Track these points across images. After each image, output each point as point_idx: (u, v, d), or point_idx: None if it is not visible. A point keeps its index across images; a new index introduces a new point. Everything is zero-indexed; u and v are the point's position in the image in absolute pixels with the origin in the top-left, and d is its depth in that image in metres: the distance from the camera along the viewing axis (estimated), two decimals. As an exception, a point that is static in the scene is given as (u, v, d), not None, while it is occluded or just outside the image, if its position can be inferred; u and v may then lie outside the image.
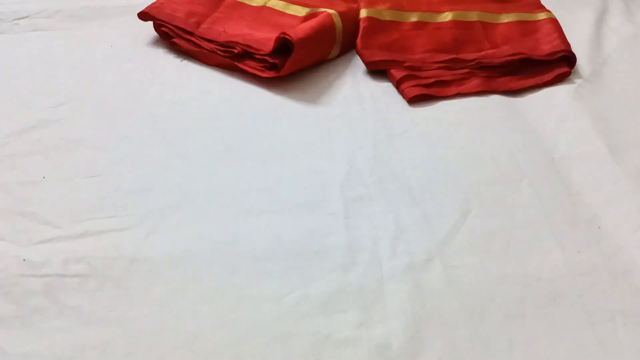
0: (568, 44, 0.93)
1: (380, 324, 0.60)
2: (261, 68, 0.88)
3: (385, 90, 0.87)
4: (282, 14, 0.97)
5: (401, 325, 0.60)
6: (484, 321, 0.60)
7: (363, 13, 0.95)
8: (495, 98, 0.87)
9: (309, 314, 0.61)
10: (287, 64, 0.85)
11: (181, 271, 0.64)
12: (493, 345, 0.59)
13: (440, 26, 0.96)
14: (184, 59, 0.95)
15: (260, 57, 0.88)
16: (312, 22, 0.89)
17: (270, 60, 0.87)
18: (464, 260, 0.65)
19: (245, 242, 0.67)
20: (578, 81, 0.91)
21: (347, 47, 0.94)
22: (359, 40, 0.92)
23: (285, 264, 0.65)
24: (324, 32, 0.89)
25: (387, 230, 0.68)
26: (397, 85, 0.87)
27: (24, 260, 0.64)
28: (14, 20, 1.01)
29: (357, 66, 0.92)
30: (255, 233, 0.68)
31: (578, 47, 0.95)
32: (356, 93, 0.87)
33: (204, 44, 0.92)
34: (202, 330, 0.60)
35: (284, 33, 0.85)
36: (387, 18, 0.95)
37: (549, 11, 1.02)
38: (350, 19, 0.94)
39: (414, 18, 0.96)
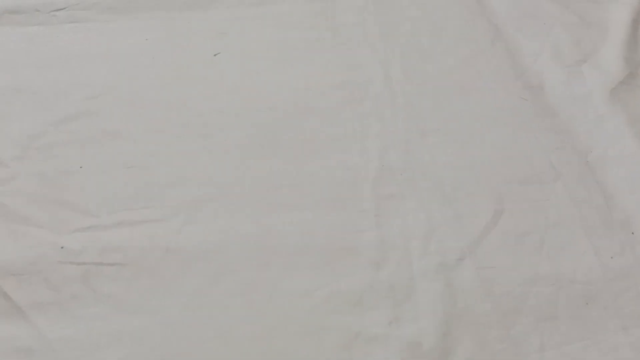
0: None
1: (411, 322, 0.61)
2: None
3: (418, 87, 0.87)
4: None
5: (432, 324, 0.60)
6: (516, 322, 0.60)
7: None
8: (529, 97, 0.86)
9: (340, 310, 0.62)
10: None
11: (214, 263, 0.65)
12: (525, 346, 0.59)
13: None
14: (217, 54, 0.95)
15: None
16: None
17: None
18: (497, 260, 0.65)
19: (276, 236, 0.68)
20: (614, 82, 0.90)
21: None
22: None
23: (317, 259, 0.66)
24: None
25: (419, 228, 0.69)
26: None
27: (62, 247, 0.66)
28: (51, 11, 1.02)
29: (390, 63, 0.92)
30: (286, 228, 0.69)
31: (614, 48, 0.94)
32: (388, 90, 0.86)
33: None
34: (235, 322, 0.61)
35: None
36: None
37: None
38: None
39: None
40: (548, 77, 0.89)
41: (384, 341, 0.59)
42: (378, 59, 0.93)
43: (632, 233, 0.68)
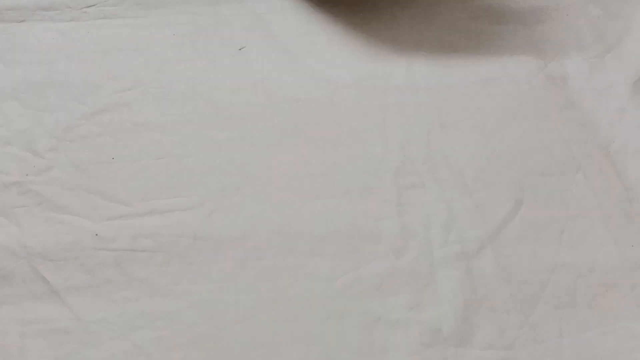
0: None
1: (431, 307, 0.62)
2: None
3: (440, 79, 0.88)
4: None
5: (452, 309, 0.62)
6: (534, 309, 0.61)
7: None
8: (551, 88, 0.87)
9: (362, 295, 0.64)
10: None
11: (241, 250, 0.67)
12: (543, 332, 0.60)
13: None
14: (242, 48, 0.97)
15: None
16: None
17: None
18: (516, 249, 0.66)
19: (300, 224, 0.70)
20: (637, 74, 0.89)
21: None
22: None
23: (339, 246, 0.68)
24: None
25: (440, 218, 0.70)
26: None
27: (96, 235, 0.69)
28: (82, 8, 1.05)
29: (412, 55, 0.93)
30: (310, 216, 0.71)
31: (638, 40, 0.94)
32: (411, 82, 0.88)
33: None
34: (260, 305, 0.63)
35: None
36: None
37: None
38: None
39: None
40: (570, 69, 0.89)
41: (405, 326, 0.61)
42: (400, 52, 0.94)
43: (653, 223, 0.69)
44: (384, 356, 0.60)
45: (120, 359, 0.60)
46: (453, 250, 0.67)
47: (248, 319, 0.62)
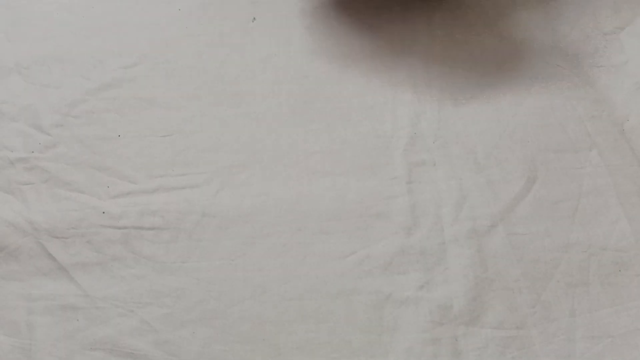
0: None
1: (441, 286, 0.62)
2: None
3: (452, 54, 0.86)
4: None
5: (463, 288, 0.61)
6: (546, 287, 0.61)
7: None
8: (565, 64, 0.85)
9: (372, 273, 0.63)
10: None
11: (249, 227, 0.67)
12: (555, 311, 0.59)
13: None
14: (255, 19, 0.96)
15: None
16: None
17: None
18: (529, 227, 0.65)
19: (309, 202, 0.69)
20: (654, 49, 0.87)
21: None
22: None
23: (349, 224, 0.67)
24: None
25: (450, 195, 0.69)
26: None
27: (103, 212, 0.68)
28: (87, -18, 1.04)
29: (422, 31, 0.91)
30: (319, 193, 0.70)
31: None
32: (423, 58, 0.86)
33: None
34: (269, 283, 0.63)
35: None
36: None
37: None
38: None
39: None
40: (585, 45, 0.87)
41: (415, 304, 0.60)
42: (411, 26, 0.92)
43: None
44: (394, 334, 0.59)
45: (128, 335, 0.60)
46: (464, 228, 0.66)
47: (256, 296, 0.62)
